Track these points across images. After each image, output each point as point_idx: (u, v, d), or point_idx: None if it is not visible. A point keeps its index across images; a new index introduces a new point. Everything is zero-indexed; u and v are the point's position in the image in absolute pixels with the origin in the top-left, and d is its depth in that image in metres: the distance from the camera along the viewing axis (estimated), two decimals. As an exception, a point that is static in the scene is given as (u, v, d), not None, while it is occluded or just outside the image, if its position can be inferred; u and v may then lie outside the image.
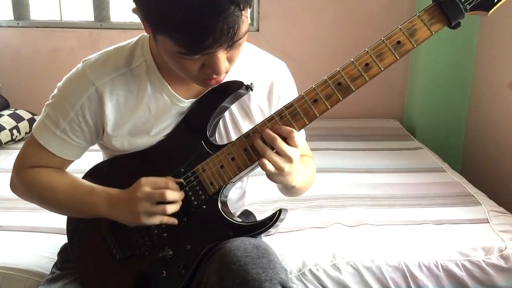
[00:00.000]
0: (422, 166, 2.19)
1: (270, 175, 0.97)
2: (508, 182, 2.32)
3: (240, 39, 0.88)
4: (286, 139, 0.96)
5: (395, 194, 1.89)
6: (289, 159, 0.95)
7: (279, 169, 0.96)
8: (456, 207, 1.77)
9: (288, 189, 1.07)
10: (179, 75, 1.04)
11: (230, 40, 0.86)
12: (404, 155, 2.36)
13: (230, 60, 0.93)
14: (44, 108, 1.09)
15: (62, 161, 1.11)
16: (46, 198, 1.12)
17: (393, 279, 1.42)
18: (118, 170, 1.13)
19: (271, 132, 0.96)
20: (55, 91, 1.08)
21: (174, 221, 1.02)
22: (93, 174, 1.15)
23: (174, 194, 1.00)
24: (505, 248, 1.48)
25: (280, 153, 0.95)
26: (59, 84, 1.08)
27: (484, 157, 2.59)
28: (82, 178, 1.15)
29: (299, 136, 0.97)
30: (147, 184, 1.00)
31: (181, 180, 1.04)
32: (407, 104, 3.02)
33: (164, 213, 1.00)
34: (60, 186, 1.09)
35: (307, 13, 2.91)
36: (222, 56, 0.90)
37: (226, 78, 1.01)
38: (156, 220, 1.01)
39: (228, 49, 0.90)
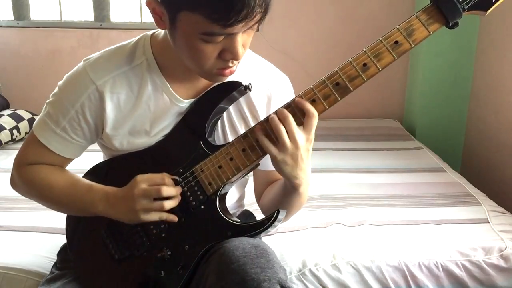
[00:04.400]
0: (422, 166, 2.19)
1: (272, 159, 0.97)
2: (508, 182, 2.31)
3: (266, 14, 0.91)
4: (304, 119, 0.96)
5: (395, 194, 1.89)
6: (294, 142, 0.94)
7: (284, 147, 0.94)
8: (456, 207, 1.77)
9: (291, 193, 1.04)
10: (180, 74, 1.05)
11: (264, 11, 0.88)
12: (404, 155, 2.36)
13: (244, 46, 0.94)
14: (44, 106, 1.10)
15: (62, 159, 1.12)
16: (45, 195, 1.13)
17: (393, 279, 1.42)
18: (117, 170, 1.13)
19: (285, 110, 0.96)
20: (56, 90, 1.09)
21: (173, 218, 1.02)
22: (93, 174, 1.15)
23: (170, 190, 1.00)
24: (505, 248, 1.48)
25: (288, 133, 0.95)
26: (60, 82, 1.09)
27: (484, 157, 2.59)
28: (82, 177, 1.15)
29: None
30: (143, 181, 1.00)
31: (176, 177, 1.04)
32: (407, 104, 3.02)
33: (162, 209, 1.00)
34: (59, 183, 1.10)
35: (307, 14, 2.91)
36: (240, 40, 0.92)
37: (227, 79, 1.01)
38: (155, 216, 1.01)
39: (254, 26, 0.91)
